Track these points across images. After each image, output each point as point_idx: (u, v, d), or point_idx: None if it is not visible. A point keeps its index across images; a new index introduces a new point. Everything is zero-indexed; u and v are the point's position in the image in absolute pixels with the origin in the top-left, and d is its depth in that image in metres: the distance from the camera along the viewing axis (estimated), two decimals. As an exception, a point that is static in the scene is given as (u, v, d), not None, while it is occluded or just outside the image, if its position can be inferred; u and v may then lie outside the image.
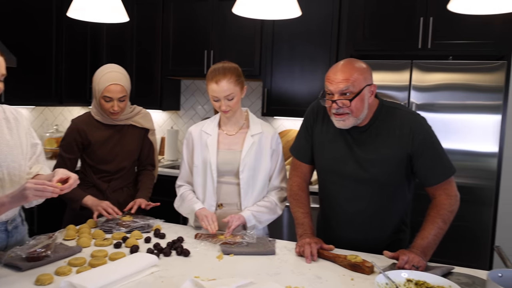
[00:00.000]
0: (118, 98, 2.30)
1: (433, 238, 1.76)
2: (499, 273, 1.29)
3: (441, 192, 1.84)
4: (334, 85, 1.78)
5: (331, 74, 1.81)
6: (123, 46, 4.33)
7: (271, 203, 2.17)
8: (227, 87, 2.03)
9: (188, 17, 4.10)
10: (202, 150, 2.17)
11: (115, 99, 2.30)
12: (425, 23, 3.19)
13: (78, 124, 2.38)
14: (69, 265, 1.63)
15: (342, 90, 1.77)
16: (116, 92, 2.29)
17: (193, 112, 4.58)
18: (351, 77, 1.76)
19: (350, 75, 1.77)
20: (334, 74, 1.80)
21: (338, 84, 1.77)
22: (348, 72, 1.77)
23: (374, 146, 1.86)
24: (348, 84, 1.76)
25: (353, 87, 1.76)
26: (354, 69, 1.78)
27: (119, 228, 2.08)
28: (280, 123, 4.17)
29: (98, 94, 2.31)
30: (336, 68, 1.81)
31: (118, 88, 2.30)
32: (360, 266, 1.68)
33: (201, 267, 1.70)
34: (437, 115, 3.06)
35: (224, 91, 2.03)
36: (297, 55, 3.74)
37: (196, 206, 2.12)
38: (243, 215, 2.07)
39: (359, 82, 1.77)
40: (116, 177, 2.44)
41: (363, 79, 1.79)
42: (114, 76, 2.30)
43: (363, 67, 1.82)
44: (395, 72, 3.16)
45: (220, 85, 2.03)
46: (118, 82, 2.30)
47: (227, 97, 2.05)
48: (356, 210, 1.93)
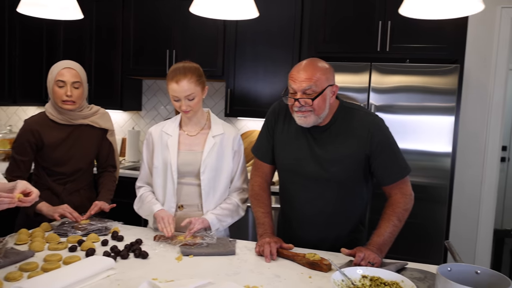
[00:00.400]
0: (71, 82, 2.25)
1: (388, 236, 1.82)
2: (448, 267, 1.33)
3: (397, 191, 1.89)
4: (297, 84, 1.80)
5: (295, 73, 1.83)
6: (82, 44, 4.22)
7: (233, 205, 2.16)
8: (187, 87, 2.02)
9: (150, 16, 4.03)
10: (163, 151, 2.14)
11: (68, 83, 2.24)
12: (384, 26, 3.27)
13: (31, 124, 2.29)
14: (20, 270, 1.57)
15: (304, 89, 1.79)
16: (70, 76, 2.25)
17: (155, 112, 4.52)
18: (314, 76, 1.79)
19: (313, 74, 1.79)
20: (298, 73, 1.82)
21: (301, 83, 1.79)
22: (311, 72, 1.80)
23: (334, 146, 1.89)
24: (310, 83, 1.78)
25: (316, 86, 1.79)
26: (317, 69, 1.81)
27: (75, 232, 2.02)
28: (244, 124, 4.17)
29: (52, 83, 2.25)
30: (299, 67, 1.83)
31: (72, 72, 2.26)
32: (318, 264, 1.71)
33: (159, 269, 1.68)
34: (395, 116, 3.13)
35: (185, 91, 2.02)
36: (260, 56, 3.75)
37: (155, 207, 2.09)
38: (207, 219, 2.05)
39: (321, 82, 1.80)
40: (72, 179, 2.37)
41: (326, 79, 1.81)
42: (68, 62, 2.28)
43: (326, 67, 1.84)
44: (355, 74, 3.21)
45: (181, 85, 2.01)
46: (71, 66, 2.27)
47: (187, 97, 2.03)
48: (316, 209, 1.96)
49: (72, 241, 1.91)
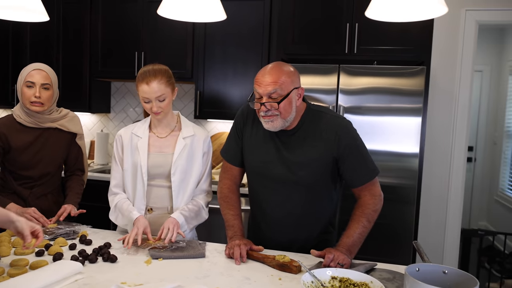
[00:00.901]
0: (41, 84, 2.22)
1: (358, 237, 1.83)
2: (416, 267, 1.35)
3: (366, 192, 1.91)
4: (263, 88, 1.81)
5: (260, 77, 1.83)
6: (49, 46, 4.14)
7: (198, 207, 2.15)
8: (158, 88, 2.01)
9: (118, 18, 4.00)
10: (133, 153, 2.13)
11: (37, 85, 2.21)
12: (351, 29, 3.31)
13: None
14: (-15, 276, 1.55)
15: (270, 92, 1.80)
16: (39, 77, 2.22)
17: (124, 114, 4.47)
18: (279, 80, 1.79)
19: (278, 78, 1.80)
20: (263, 77, 1.82)
21: (266, 87, 1.80)
22: (276, 75, 1.80)
23: (301, 149, 1.90)
24: (276, 86, 1.79)
25: (281, 89, 1.79)
26: (282, 72, 1.81)
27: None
28: (213, 126, 4.17)
29: (21, 84, 2.22)
30: (264, 71, 1.84)
31: (42, 74, 2.23)
32: (288, 265, 1.71)
33: (128, 273, 1.66)
34: (363, 117, 3.17)
35: (155, 92, 2.01)
36: (229, 58, 3.76)
37: (133, 214, 2.03)
38: (178, 221, 2.01)
39: (286, 85, 1.80)
40: (39, 183, 2.32)
41: (291, 82, 1.82)
42: (38, 64, 2.25)
43: (291, 70, 1.85)
44: (323, 75, 3.24)
45: (151, 86, 2.00)
46: (42, 68, 2.24)
47: (158, 98, 2.03)
48: (285, 212, 1.97)
49: (40, 246, 1.87)
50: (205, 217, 2.20)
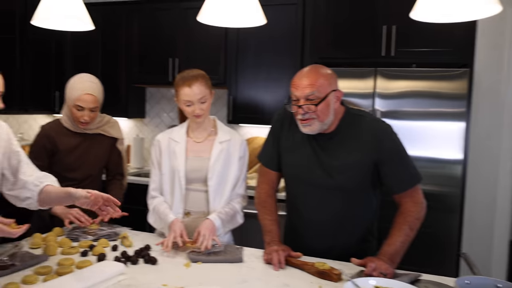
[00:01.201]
0: (90, 108, 2.30)
1: (400, 245, 1.78)
2: (466, 280, 1.31)
3: (408, 199, 1.85)
4: (300, 91, 1.80)
5: (297, 80, 1.83)
6: (88, 54, 4.29)
7: (235, 211, 2.16)
8: (199, 90, 2.05)
9: (153, 25, 4.10)
10: (170, 158, 2.17)
11: (86, 109, 2.29)
12: (388, 31, 3.23)
13: (47, 130, 2.36)
14: (35, 274, 1.62)
15: (307, 95, 1.79)
16: (89, 102, 2.29)
17: (159, 120, 4.56)
18: (316, 82, 1.78)
19: (315, 80, 1.79)
20: (300, 80, 1.81)
21: (304, 90, 1.79)
22: (314, 78, 1.79)
23: (340, 153, 1.88)
24: (313, 89, 1.78)
25: (319, 92, 1.78)
26: (319, 75, 1.81)
27: (85, 236, 2.07)
28: (246, 131, 4.21)
29: (71, 103, 2.30)
30: (301, 74, 1.83)
31: (91, 98, 2.30)
32: (328, 273, 1.68)
33: (168, 275, 1.70)
34: (401, 122, 3.09)
35: (197, 94, 2.05)
36: (262, 63, 3.78)
37: (168, 218, 2.07)
38: (215, 224, 2.03)
39: (324, 88, 1.79)
40: (82, 185, 2.39)
41: (329, 84, 1.81)
42: (88, 86, 2.30)
43: (328, 73, 1.84)
44: (359, 79, 3.19)
45: (193, 88, 2.05)
46: (91, 93, 2.30)
47: (200, 100, 2.07)
48: (323, 217, 1.94)
49: (84, 246, 1.95)
50: (240, 222, 2.21)
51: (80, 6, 2.00)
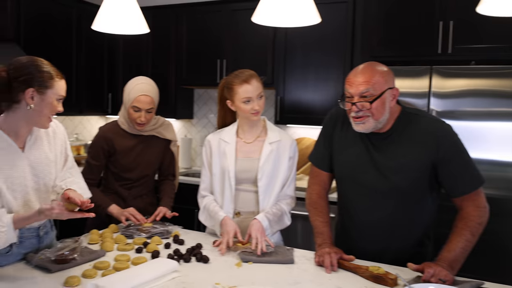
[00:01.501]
0: (146, 109, 2.36)
1: (460, 251, 1.71)
2: None
3: (469, 203, 1.78)
4: (354, 88, 1.76)
5: (352, 77, 1.79)
6: (139, 56, 4.42)
7: (282, 212, 2.15)
8: (257, 85, 2.09)
9: (201, 28, 4.16)
10: (221, 158, 2.19)
11: (143, 109, 2.35)
12: (445, 27, 3.11)
13: (105, 132, 2.45)
14: (94, 268, 1.68)
15: (362, 92, 1.75)
16: (145, 103, 2.35)
17: (206, 120, 4.63)
18: (371, 79, 1.74)
19: (370, 77, 1.75)
20: (355, 76, 1.78)
21: (358, 87, 1.75)
22: (369, 75, 1.75)
23: (395, 153, 1.82)
24: (368, 86, 1.74)
25: (374, 89, 1.74)
26: (375, 72, 1.77)
27: (139, 234, 2.13)
28: (294, 131, 4.20)
29: (128, 104, 2.37)
30: (356, 71, 1.80)
31: (148, 100, 2.36)
32: (383, 278, 1.63)
33: (220, 274, 1.72)
34: (459, 122, 2.95)
35: (257, 89, 2.08)
36: (310, 63, 3.75)
37: (219, 216, 2.10)
38: (263, 226, 2.03)
39: (380, 85, 1.75)
40: (137, 184, 2.49)
41: (384, 81, 1.76)
42: (145, 88, 2.37)
43: (384, 70, 1.79)
44: (413, 78, 3.09)
45: (253, 84, 2.07)
46: (148, 94, 2.37)
47: (259, 95, 2.09)
48: (375, 219, 1.88)
49: (138, 243, 2.01)
50: (287, 223, 2.20)
51: (136, 10, 2.07)
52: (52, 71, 1.69)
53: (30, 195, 1.72)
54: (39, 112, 1.67)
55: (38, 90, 1.65)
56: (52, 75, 1.68)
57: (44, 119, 1.69)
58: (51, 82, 1.67)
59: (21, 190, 1.69)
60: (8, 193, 1.64)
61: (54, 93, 1.68)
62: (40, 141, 1.79)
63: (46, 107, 1.67)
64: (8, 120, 1.68)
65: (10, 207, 1.65)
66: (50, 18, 3.93)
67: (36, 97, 1.65)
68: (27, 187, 1.71)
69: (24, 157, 1.71)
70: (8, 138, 1.68)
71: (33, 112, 1.66)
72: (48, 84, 1.66)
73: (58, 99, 1.70)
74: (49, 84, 1.66)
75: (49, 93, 1.67)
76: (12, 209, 1.65)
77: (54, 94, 1.68)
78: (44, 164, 1.78)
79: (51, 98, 1.67)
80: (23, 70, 1.64)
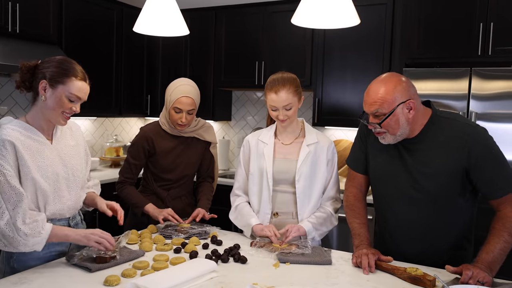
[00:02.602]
0: (187, 110, 2.39)
1: (499, 253, 1.69)
2: None
3: (507, 205, 1.76)
4: (367, 107, 1.81)
5: (365, 95, 1.83)
6: (178, 58, 4.48)
7: (327, 214, 2.16)
8: (285, 97, 2.07)
9: (240, 30, 4.19)
10: (259, 159, 2.20)
11: (184, 111, 2.38)
12: (485, 28, 3.08)
13: (146, 132, 2.48)
14: (134, 268, 1.71)
15: (373, 112, 1.79)
16: (187, 105, 2.38)
17: (244, 122, 4.65)
18: (379, 99, 1.76)
19: (378, 97, 1.76)
20: (367, 95, 1.82)
21: (369, 107, 1.80)
22: (377, 95, 1.77)
23: (425, 158, 1.82)
24: (376, 107, 1.77)
25: (382, 108, 1.76)
26: (383, 91, 1.77)
27: (178, 234, 2.15)
28: (331, 133, 4.16)
29: (169, 105, 2.40)
30: (368, 89, 1.82)
31: (189, 101, 2.38)
32: (421, 279, 1.63)
33: (258, 274, 1.72)
34: (499, 125, 2.93)
35: (283, 101, 2.07)
36: (348, 65, 3.73)
37: (252, 221, 2.14)
38: (303, 227, 2.07)
39: (388, 104, 1.75)
40: (176, 185, 2.52)
41: (393, 100, 1.75)
42: (186, 89, 2.40)
43: (392, 86, 1.77)
44: (452, 80, 3.06)
45: (279, 95, 2.06)
46: (189, 95, 2.39)
47: (285, 107, 2.08)
48: (409, 222, 1.89)
49: (176, 243, 2.03)
50: (334, 223, 2.21)
51: (177, 12, 2.10)
52: (72, 70, 1.75)
53: (60, 183, 1.80)
54: (50, 105, 1.73)
55: (50, 83, 1.72)
56: (69, 73, 1.73)
57: (55, 114, 1.75)
58: (65, 79, 1.72)
59: (53, 178, 1.77)
60: (42, 181, 1.72)
61: (66, 90, 1.72)
62: (64, 135, 1.89)
63: (55, 102, 1.73)
64: (33, 114, 1.78)
65: (45, 193, 1.74)
66: (91, 21, 4.05)
67: (48, 90, 1.73)
68: (58, 175, 1.79)
69: (53, 148, 1.80)
70: (37, 130, 1.77)
71: (45, 104, 1.74)
72: (61, 79, 1.72)
73: (70, 98, 1.74)
74: (62, 80, 1.72)
75: (60, 88, 1.72)
76: (47, 196, 1.74)
77: (65, 91, 1.73)
78: (71, 155, 1.87)
79: (61, 94, 1.72)
80: (46, 64, 1.74)
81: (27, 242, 1.62)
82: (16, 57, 3.26)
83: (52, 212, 1.78)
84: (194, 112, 2.44)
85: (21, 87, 1.78)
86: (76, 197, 1.87)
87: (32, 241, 1.63)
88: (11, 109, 3.81)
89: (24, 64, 1.76)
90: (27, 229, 1.61)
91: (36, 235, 1.63)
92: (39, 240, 1.64)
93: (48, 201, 1.75)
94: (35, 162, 1.71)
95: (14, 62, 3.19)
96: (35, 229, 1.63)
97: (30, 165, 1.69)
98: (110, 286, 1.54)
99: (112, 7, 4.23)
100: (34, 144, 1.73)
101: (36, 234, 1.63)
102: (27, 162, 1.68)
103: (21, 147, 1.68)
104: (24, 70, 1.76)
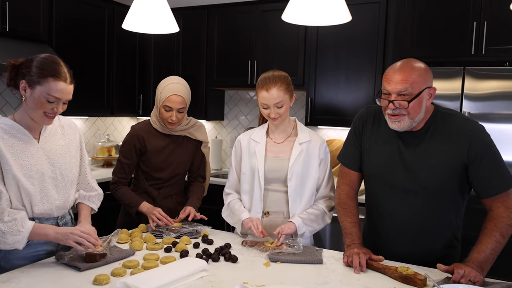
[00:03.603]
0: (177, 108, 2.37)
1: (490, 252, 1.69)
2: None
3: (499, 204, 1.75)
4: (392, 85, 1.74)
5: (390, 74, 1.77)
6: (170, 58, 4.46)
7: (320, 211, 2.15)
8: (277, 95, 2.06)
9: (232, 29, 4.18)
10: (250, 158, 2.20)
11: (174, 109, 2.37)
12: (479, 27, 3.08)
13: (137, 130, 2.47)
14: (123, 267, 1.70)
15: (400, 91, 1.73)
16: (177, 103, 2.36)
17: (237, 122, 4.63)
18: (410, 78, 1.72)
19: (409, 76, 1.72)
20: (393, 74, 1.76)
21: (397, 85, 1.73)
22: (408, 73, 1.73)
23: (426, 151, 1.81)
24: (407, 85, 1.72)
25: (412, 88, 1.72)
26: (414, 70, 1.74)
27: (169, 233, 2.14)
28: (324, 133, 4.16)
29: (160, 103, 2.39)
30: (395, 68, 1.78)
31: (179, 99, 2.37)
32: (412, 278, 1.63)
33: (249, 273, 1.71)
34: (492, 125, 2.91)
35: (274, 99, 2.06)
36: (341, 64, 3.72)
37: (243, 215, 2.14)
38: (294, 223, 2.06)
39: (418, 84, 1.73)
40: (167, 185, 2.50)
41: (423, 81, 1.74)
42: (177, 88, 2.38)
43: (423, 68, 1.77)
44: (445, 80, 3.06)
45: (271, 93, 2.06)
46: (179, 93, 2.38)
47: (276, 104, 2.07)
48: (404, 219, 1.88)
49: (167, 242, 2.02)
50: (327, 221, 2.20)
51: (166, 9, 2.09)
52: (51, 69, 1.71)
53: (46, 183, 1.78)
54: (30, 106, 1.72)
55: (28, 84, 1.70)
56: (47, 73, 1.70)
57: (36, 114, 1.73)
58: (42, 80, 1.70)
59: (38, 177, 1.75)
60: (25, 180, 1.71)
61: (43, 90, 1.70)
62: (54, 134, 1.87)
63: (34, 103, 1.71)
64: (21, 113, 1.77)
65: (28, 192, 1.72)
66: (82, 20, 4.02)
67: (28, 91, 1.71)
68: (44, 175, 1.77)
69: (40, 147, 1.79)
70: (23, 129, 1.75)
71: (26, 105, 1.73)
72: (38, 80, 1.70)
73: (48, 99, 1.71)
74: (39, 80, 1.70)
75: (38, 89, 1.70)
76: (30, 195, 1.73)
77: (42, 92, 1.70)
78: (59, 155, 1.85)
79: (39, 95, 1.70)
80: (28, 63, 1.72)
81: (6, 240, 1.62)
82: (5, 56, 3.22)
83: (40, 211, 1.77)
84: (184, 111, 2.42)
85: (10, 85, 1.76)
86: (65, 197, 1.86)
87: (11, 239, 1.63)
88: (1, 108, 3.78)
89: (9, 62, 1.74)
90: (5, 227, 1.61)
91: (15, 233, 1.63)
92: (19, 238, 1.64)
93: (34, 200, 1.74)
94: (17, 161, 1.70)
95: (3, 61, 3.16)
96: (13, 227, 1.63)
97: (11, 164, 1.68)
98: (100, 285, 1.53)
99: (103, 5, 4.20)
100: (17, 142, 1.72)
101: (15, 232, 1.63)
102: (9, 161, 1.67)
103: (2, 145, 1.67)
104: (9, 69, 1.74)
